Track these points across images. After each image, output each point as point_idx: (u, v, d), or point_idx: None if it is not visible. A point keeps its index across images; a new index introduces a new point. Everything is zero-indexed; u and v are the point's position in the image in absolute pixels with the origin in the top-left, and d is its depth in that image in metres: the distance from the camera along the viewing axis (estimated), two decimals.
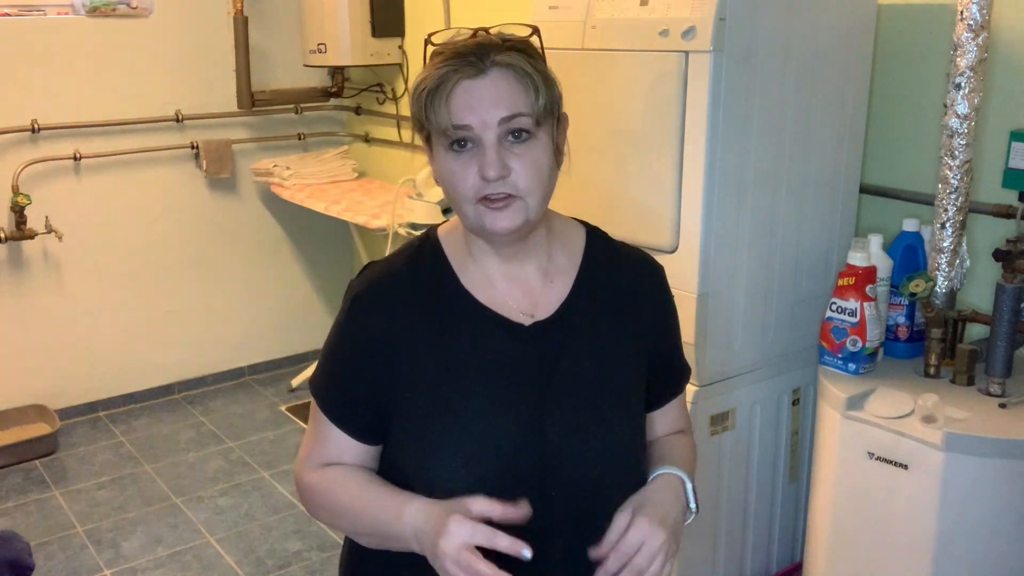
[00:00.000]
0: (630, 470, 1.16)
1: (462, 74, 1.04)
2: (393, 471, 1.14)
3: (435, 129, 1.07)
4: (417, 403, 1.11)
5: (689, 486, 1.15)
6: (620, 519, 1.06)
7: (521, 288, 1.16)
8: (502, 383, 1.12)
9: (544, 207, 1.14)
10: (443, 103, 1.05)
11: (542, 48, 1.15)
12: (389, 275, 1.16)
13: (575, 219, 1.26)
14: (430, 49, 1.10)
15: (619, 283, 1.20)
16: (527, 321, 1.14)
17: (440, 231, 1.20)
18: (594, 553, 1.05)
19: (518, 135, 1.06)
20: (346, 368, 1.15)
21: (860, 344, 1.79)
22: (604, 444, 1.13)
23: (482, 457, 1.09)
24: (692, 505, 1.14)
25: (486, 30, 1.10)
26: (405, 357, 1.11)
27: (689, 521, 1.15)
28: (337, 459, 1.16)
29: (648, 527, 1.04)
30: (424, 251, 1.18)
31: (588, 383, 1.14)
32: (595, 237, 1.23)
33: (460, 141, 1.06)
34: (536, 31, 1.15)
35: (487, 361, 1.12)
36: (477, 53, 1.05)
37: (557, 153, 1.14)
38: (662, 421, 1.26)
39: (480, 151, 1.06)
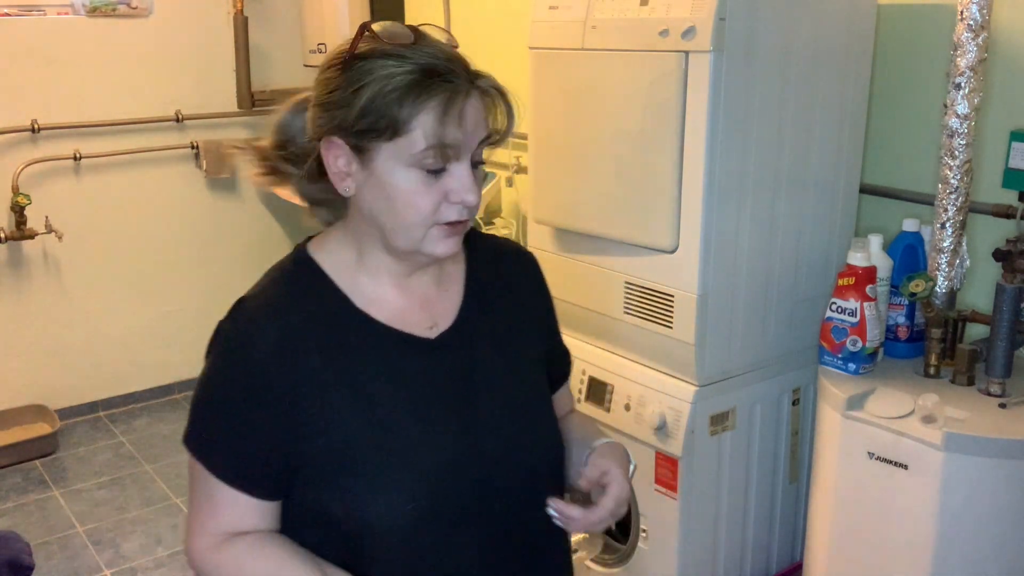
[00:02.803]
0: (560, 459, 1.17)
1: (459, 93, 0.98)
2: (313, 518, 1.04)
3: (404, 144, 0.97)
4: (333, 443, 1.01)
5: (628, 451, 1.20)
6: (599, 463, 1.12)
7: (419, 301, 1.10)
8: (425, 402, 1.05)
9: None
10: (452, 118, 0.97)
11: None
12: (270, 308, 1.04)
13: None
14: (371, 42, 1.00)
15: (504, 278, 1.19)
16: (432, 334, 1.09)
17: (313, 251, 1.09)
18: (571, 483, 1.13)
19: (475, 157, 1.03)
20: (238, 420, 1.02)
21: (860, 344, 1.79)
22: (537, 442, 1.13)
23: (423, 484, 1.02)
24: (633, 462, 1.20)
25: (418, 28, 1.04)
26: (308, 395, 1.01)
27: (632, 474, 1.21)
28: (237, 526, 1.03)
29: (622, 478, 1.12)
30: (302, 276, 1.07)
31: (506, 384, 1.12)
32: (471, 236, 1.19)
33: (439, 160, 0.99)
34: (454, 39, 1.08)
35: (403, 383, 1.05)
36: (463, 71, 1.00)
37: None
38: (559, 404, 1.26)
39: (451, 174, 1.00)
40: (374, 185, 1.01)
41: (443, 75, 0.98)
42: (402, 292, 1.09)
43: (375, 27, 1.02)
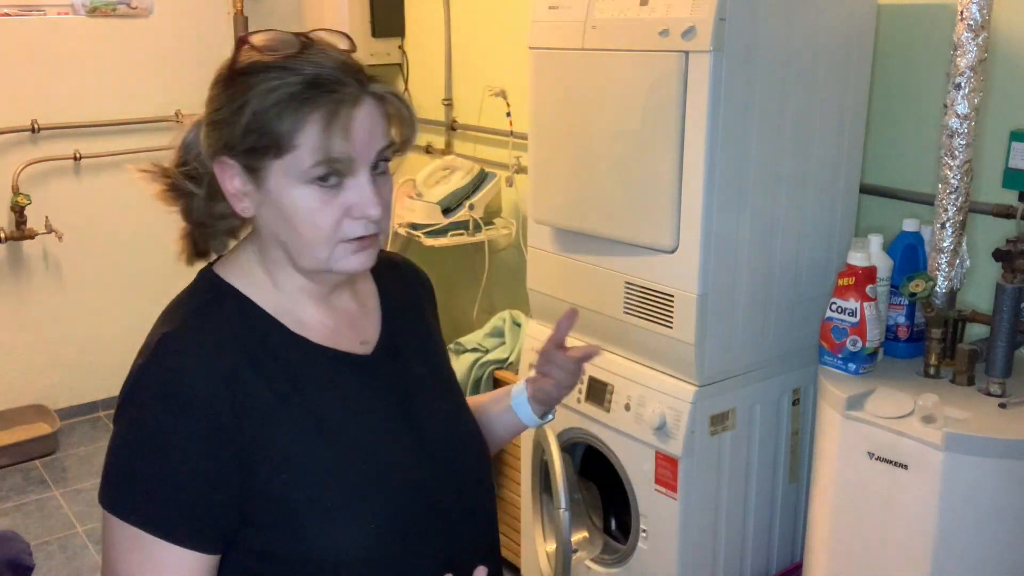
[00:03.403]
0: (487, 448, 1.22)
1: (345, 102, 0.93)
2: (261, 564, 0.97)
3: (292, 161, 0.92)
4: (293, 479, 0.95)
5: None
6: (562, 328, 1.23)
7: (347, 320, 1.07)
8: (375, 422, 1.03)
9: None
10: (315, 133, 0.91)
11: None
12: (205, 341, 0.96)
13: None
14: (252, 55, 0.94)
15: (407, 292, 1.21)
16: (366, 350, 1.07)
17: (228, 278, 1.03)
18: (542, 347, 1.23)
19: (378, 167, 0.98)
20: (188, 468, 0.91)
21: (860, 344, 1.79)
22: (472, 447, 1.16)
23: (390, 506, 1.00)
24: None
25: (308, 36, 0.98)
26: (261, 431, 0.94)
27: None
28: None
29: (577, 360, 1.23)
30: (226, 303, 1.01)
31: (438, 395, 1.15)
32: None
33: (332, 175, 0.94)
34: (351, 43, 1.03)
35: (351, 405, 1.02)
36: (350, 78, 0.94)
37: None
38: None
39: (350, 187, 0.95)
40: (271, 205, 0.96)
41: (327, 85, 0.92)
42: (328, 311, 1.05)
43: (255, 39, 0.95)
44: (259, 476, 0.94)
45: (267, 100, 0.92)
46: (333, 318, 1.06)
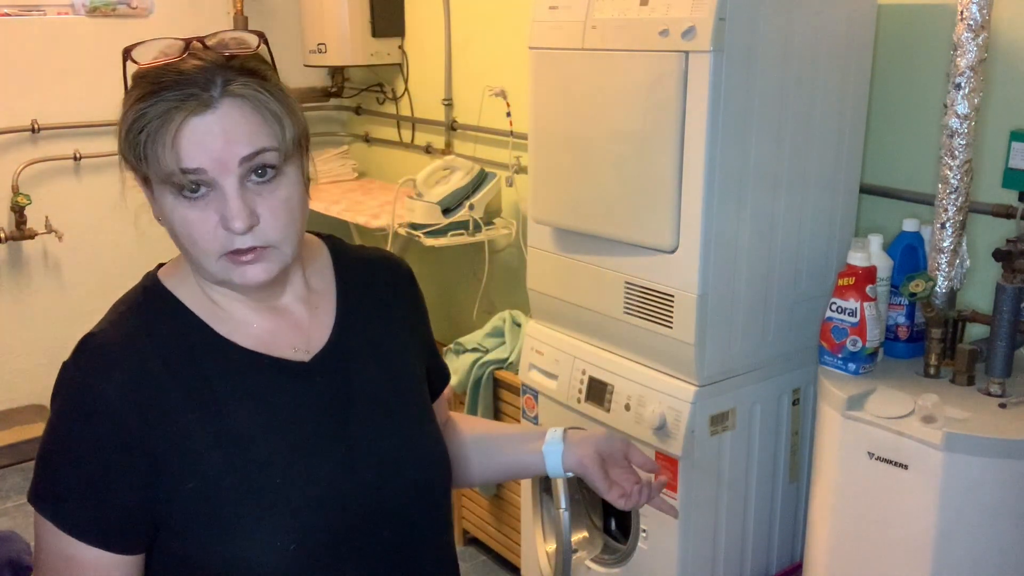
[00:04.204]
0: (446, 469, 1.12)
1: (187, 110, 0.87)
2: (180, 570, 0.97)
3: (156, 174, 0.89)
4: (200, 489, 0.93)
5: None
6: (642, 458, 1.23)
7: (287, 323, 1.03)
8: (298, 432, 0.98)
9: (299, 246, 0.98)
10: (166, 145, 0.87)
11: (272, 58, 0.98)
12: (123, 345, 0.95)
13: (312, 233, 1.13)
14: (131, 68, 0.91)
15: (377, 291, 1.13)
16: (305, 357, 1.02)
17: (164, 278, 1.02)
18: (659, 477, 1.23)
19: (262, 173, 0.91)
20: (93, 471, 0.92)
21: (860, 344, 1.79)
22: (422, 459, 1.07)
23: (300, 521, 0.95)
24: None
25: (203, 41, 0.92)
26: (169, 438, 0.93)
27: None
28: None
29: (618, 442, 1.23)
30: (155, 306, 0.99)
31: (386, 403, 1.07)
32: (338, 251, 1.14)
33: (192, 186, 0.89)
34: (262, 38, 0.97)
35: (273, 413, 0.98)
36: (200, 82, 0.88)
37: (307, 180, 0.99)
38: (439, 410, 1.23)
39: (219, 197, 0.90)
40: (165, 219, 0.94)
41: (165, 95, 0.88)
42: (269, 315, 1.02)
43: (136, 51, 0.92)
44: (168, 482, 0.93)
45: (122, 118, 0.91)
46: (273, 322, 1.02)
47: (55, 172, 3.46)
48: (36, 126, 3.37)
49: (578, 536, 2.25)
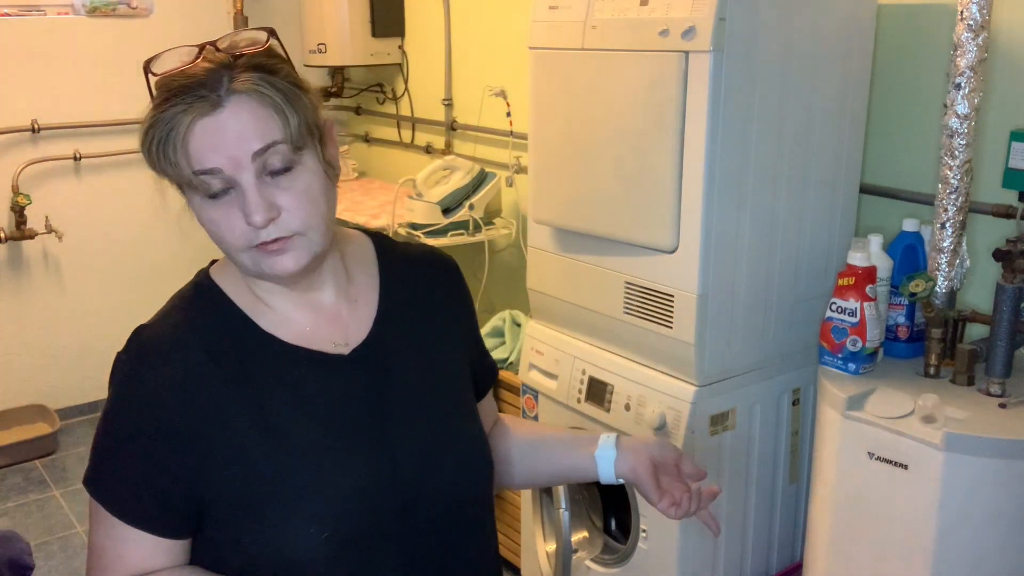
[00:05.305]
0: (485, 468, 1.13)
1: (194, 112, 0.89)
2: (227, 554, 1.00)
3: (178, 178, 0.93)
4: (241, 477, 0.97)
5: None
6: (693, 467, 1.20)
7: (327, 317, 1.05)
8: (338, 425, 1.01)
9: (330, 234, 1.01)
10: (179, 151, 0.90)
11: (284, 50, 1.00)
12: (170, 337, 1.00)
13: (358, 229, 1.17)
14: (152, 80, 0.93)
15: (421, 288, 1.15)
16: (344, 351, 1.04)
17: (215, 274, 1.06)
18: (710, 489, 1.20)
19: (278, 166, 0.94)
20: (140, 458, 0.97)
21: (860, 344, 1.79)
22: (459, 458, 1.09)
23: (336, 512, 0.98)
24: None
25: (215, 44, 0.94)
26: (213, 429, 0.97)
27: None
28: (145, 567, 0.99)
29: (669, 448, 1.22)
30: (203, 301, 1.04)
31: (425, 399, 1.08)
32: (383, 246, 1.15)
33: (209, 187, 0.93)
34: (272, 33, 0.98)
35: (312, 405, 1.01)
36: (208, 83, 0.90)
37: (329, 168, 1.00)
38: (487, 410, 1.24)
39: (240, 194, 0.92)
40: (199, 219, 0.98)
41: (174, 101, 0.90)
42: (310, 310, 1.04)
43: (154, 63, 0.93)
44: (210, 473, 0.97)
45: (143, 122, 0.92)
46: (314, 316, 1.05)
47: (55, 172, 3.46)
48: (36, 126, 3.37)
49: (578, 536, 2.25)
